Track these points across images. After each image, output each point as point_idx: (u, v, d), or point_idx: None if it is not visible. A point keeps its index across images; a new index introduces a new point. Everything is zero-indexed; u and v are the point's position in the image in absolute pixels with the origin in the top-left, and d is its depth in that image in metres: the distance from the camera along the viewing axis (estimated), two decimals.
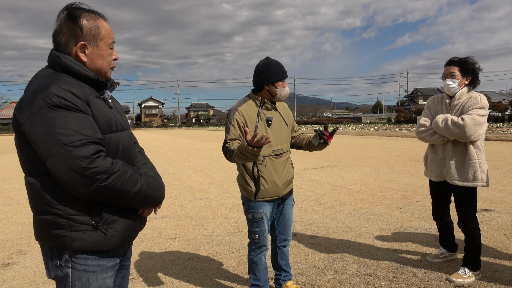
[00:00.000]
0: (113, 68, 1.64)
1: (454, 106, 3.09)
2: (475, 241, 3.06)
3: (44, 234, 1.49)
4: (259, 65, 2.67)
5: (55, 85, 1.41)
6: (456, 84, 3.04)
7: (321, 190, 6.92)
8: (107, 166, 1.38)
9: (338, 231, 4.47)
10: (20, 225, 5.20)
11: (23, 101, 1.44)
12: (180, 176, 9.37)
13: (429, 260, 3.45)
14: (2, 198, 7.20)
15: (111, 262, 1.56)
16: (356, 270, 3.34)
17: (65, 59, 1.49)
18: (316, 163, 10.86)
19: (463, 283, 2.99)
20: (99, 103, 1.52)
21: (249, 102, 2.68)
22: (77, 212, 1.44)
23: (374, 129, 34.80)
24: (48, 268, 1.53)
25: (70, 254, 1.47)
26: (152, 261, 3.75)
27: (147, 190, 1.52)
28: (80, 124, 1.39)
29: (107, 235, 1.49)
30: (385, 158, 11.63)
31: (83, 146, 1.35)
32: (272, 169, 2.64)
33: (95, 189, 1.37)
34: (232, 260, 3.70)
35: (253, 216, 2.67)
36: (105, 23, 1.59)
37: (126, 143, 1.60)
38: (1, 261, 3.88)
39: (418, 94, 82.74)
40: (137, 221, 1.61)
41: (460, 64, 3.05)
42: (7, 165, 13.40)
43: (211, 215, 5.47)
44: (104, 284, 1.54)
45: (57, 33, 1.53)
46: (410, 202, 5.79)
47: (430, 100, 3.35)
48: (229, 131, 2.61)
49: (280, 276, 2.92)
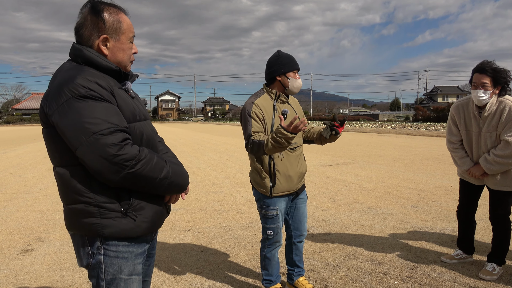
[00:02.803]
0: (132, 61, 1.67)
1: (485, 117, 2.97)
2: (507, 235, 3.08)
3: (75, 223, 1.52)
4: (271, 58, 2.68)
5: (80, 76, 1.44)
6: (488, 96, 2.91)
7: (336, 187, 6.88)
8: (135, 153, 1.41)
9: (351, 229, 4.45)
10: (39, 213, 5.35)
11: (49, 93, 1.47)
12: (195, 169, 9.45)
13: (444, 261, 3.41)
14: (23, 187, 7.40)
15: (140, 249, 1.60)
16: (369, 268, 3.32)
17: (87, 51, 1.52)
18: (331, 160, 10.80)
19: (494, 280, 3.01)
20: (122, 94, 1.55)
21: (264, 96, 2.66)
22: (107, 199, 1.48)
23: (391, 127, 34.33)
24: (80, 257, 1.56)
25: (102, 241, 1.51)
26: (166, 252, 3.80)
27: (173, 176, 1.55)
28: (106, 113, 1.42)
29: (136, 221, 1.52)
30: (402, 156, 11.47)
31: (111, 134, 1.38)
32: (287, 163, 2.63)
33: (124, 176, 1.40)
34: (245, 254, 3.72)
35: (268, 212, 2.67)
36: (126, 17, 1.62)
37: (149, 132, 1.64)
38: (21, 247, 4.01)
39: (437, 92, 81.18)
40: (163, 207, 1.65)
41: (493, 75, 2.90)
42: (28, 154, 13.75)
43: (224, 208, 5.51)
44: (135, 270, 1.58)
45: (80, 26, 1.56)
46: (426, 201, 5.71)
47: (454, 110, 3.20)
48: (251, 124, 2.54)
49: (293, 272, 2.93)
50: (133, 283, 1.58)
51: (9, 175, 8.91)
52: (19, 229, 4.62)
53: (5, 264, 3.54)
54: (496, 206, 3.10)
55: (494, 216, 3.12)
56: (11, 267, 3.47)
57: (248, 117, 2.56)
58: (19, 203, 6.04)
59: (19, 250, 3.92)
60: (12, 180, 8.14)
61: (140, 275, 1.62)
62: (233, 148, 15.08)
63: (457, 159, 3.21)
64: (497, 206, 3.10)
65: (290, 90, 2.65)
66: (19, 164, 10.93)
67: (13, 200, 6.27)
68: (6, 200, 6.24)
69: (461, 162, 3.18)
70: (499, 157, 2.90)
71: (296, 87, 2.64)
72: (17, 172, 9.36)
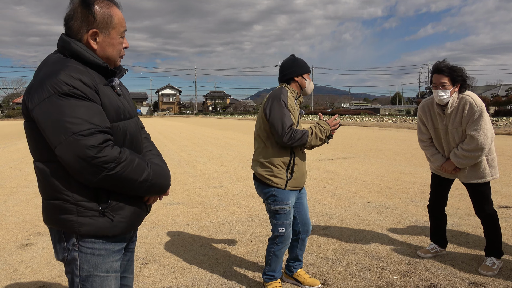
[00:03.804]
0: (122, 56, 1.63)
1: (449, 114, 3.08)
2: (496, 226, 3.12)
3: (52, 218, 1.51)
4: (287, 60, 2.79)
5: (64, 72, 1.40)
6: (448, 95, 3.02)
7: (336, 182, 6.87)
8: (115, 155, 1.39)
9: (351, 223, 4.44)
10: (38, 207, 5.34)
11: (32, 86, 1.44)
12: (195, 163, 9.44)
13: (420, 255, 3.45)
14: (23, 181, 7.40)
15: (117, 247, 1.58)
16: (368, 263, 3.31)
17: (75, 45, 1.48)
18: (331, 154, 10.78)
19: (494, 275, 3.01)
20: (107, 91, 1.51)
21: (289, 93, 2.70)
22: (84, 198, 1.46)
23: (392, 121, 34.24)
24: (56, 251, 1.56)
25: (78, 238, 1.50)
26: (165, 246, 3.80)
27: (154, 178, 1.53)
28: (88, 112, 1.39)
29: (113, 221, 1.51)
30: (403, 151, 11.44)
31: (92, 135, 1.36)
32: (302, 159, 2.74)
33: (103, 177, 1.39)
34: (244, 248, 3.71)
35: (282, 207, 2.67)
36: (118, 11, 1.57)
37: (133, 131, 1.61)
38: (20, 241, 4.00)
39: None
40: (142, 208, 1.63)
41: (450, 74, 3.00)
42: (28, 148, 13.74)
43: (224, 203, 5.50)
44: (111, 267, 1.57)
45: (69, 18, 1.52)
46: (427, 196, 5.68)
47: (420, 110, 3.35)
48: (290, 114, 2.58)
49: (293, 264, 2.97)
50: (110, 280, 1.56)
51: (10, 169, 8.91)
52: (19, 224, 4.62)
53: (4, 258, 3.54)
54: (476, 200, 3.17)
55: (478, 210, 3.18)
56: (10, 261, 3.47)
57: (285, 108, 2.58)
58: (19, 197, 6.05)
59: (18, 244, 3.92)
60: (12, 174, 8.14)
61: (117, 272, 1.60)
62: (233, 142, 15.06)
63: (429, 156, 3.35)
64: (477, 199, 3.17)
65: (305, 91, 2.79)
66: (20, 158, 10.94)
67: (13, 194, 6.27)
68: (6, 194, 6.24)
69: (433, 159, 3.30)
70: (467, 151, 3.00)
71: (310, 88, 2.81)
72: (17, 166, 9.36)
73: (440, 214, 3.45)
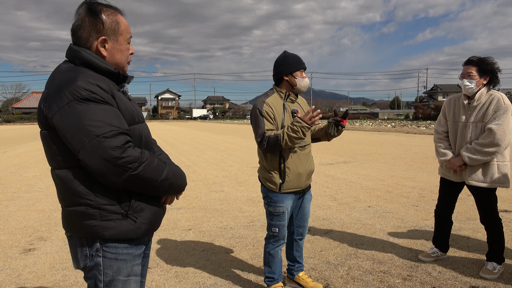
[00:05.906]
0: (129, 62, 1.68)
1: (473, 107, 3.07)
2: (500, 234, 3.12)
3: (75, 225, 1.52)
4: (278, 59, 2.75)
5: (81, 79, 1.43)
6: (473, 85, 3.02)
7: (336, 186, 6.89)
8: (137, 155, 1.43)
9: (352, 228, 4.46)
10: (41, 212, 5.36)
11: (48, 95, 1.46)
12: (196, 168, 9.46)
13: (421, 259, 3.46)
14: (24, 186, 7.41)
15: (138, 250, 1.61)
16: (370, 267, 3.33)
17: (85, 53, 1.52)
18: (331, 158, 10.81)
19: (495, 278, 3.03)
20: (121, 96, 1.56)
21: (274, 95, 2.72)
22: (107, 201, 1.49)
23: (391, 126, 34.32)
24: (77, 259, 1.55)
25: (101, 243, 1.51)
26: (168, 251, 3.82)
27: (172, 178, 1.57)
28: (108, 115, 1.42)
29: (136, 222, 1.53)
30: (402, 155, 11.48)
31: (114, 136, 1.39)
32: (297, 161, 2.70)
33: (127, 178, 1.42)
34: (246, 253, 3.73)
35: (275, 209, 2.71)
36: (123, 18, 1.62)
37: (147, 134, 1.65)
38: (23, 247, 4.02)
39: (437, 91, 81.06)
40: (161, 209, 1.66)
41: (478, 64, 3.03)
42: (29, 153, 13.76)
43: (225, 207, 5.52)
44: (133, 271, 1.59)
45: (77, 28, 1.55)
46: (427, 200, 5.72)
47: (446, 102, 3.34)
48: (263, 122, 2.60)
49: (294, 267, 3.00)
50: (131, 284, 1.59)
51: (10, 174, 8.92)
52: (21, 229, 4.63)
53: (8, 263, 3.56)
54: (481, 207, 3.16)
55: (483, 218, 3.16)
56: (13, 266, 3.49)
57: (259, 116, 2.62)
58: (20, 202, 6.06)
59: (21, 249, 3.93)
60: (13, 179, 8.15)
61: (138, 276, 1.63)
62: (233, 147, 15.09)
63: (440, 149, 3.31)
64: (482, 207, 3.15)
65: (297, 89, 2.72)
66: (20, 163, 10.94)
67: (14, 199, 6.28)
68: (7, 200, 6.25)
69: (442, 153, 3.27)
70: (480, 145, 2.97)
71: (303, 86, 2.72)
72: (18, 171, 9.37)
73: (446, 219, 3.43)
